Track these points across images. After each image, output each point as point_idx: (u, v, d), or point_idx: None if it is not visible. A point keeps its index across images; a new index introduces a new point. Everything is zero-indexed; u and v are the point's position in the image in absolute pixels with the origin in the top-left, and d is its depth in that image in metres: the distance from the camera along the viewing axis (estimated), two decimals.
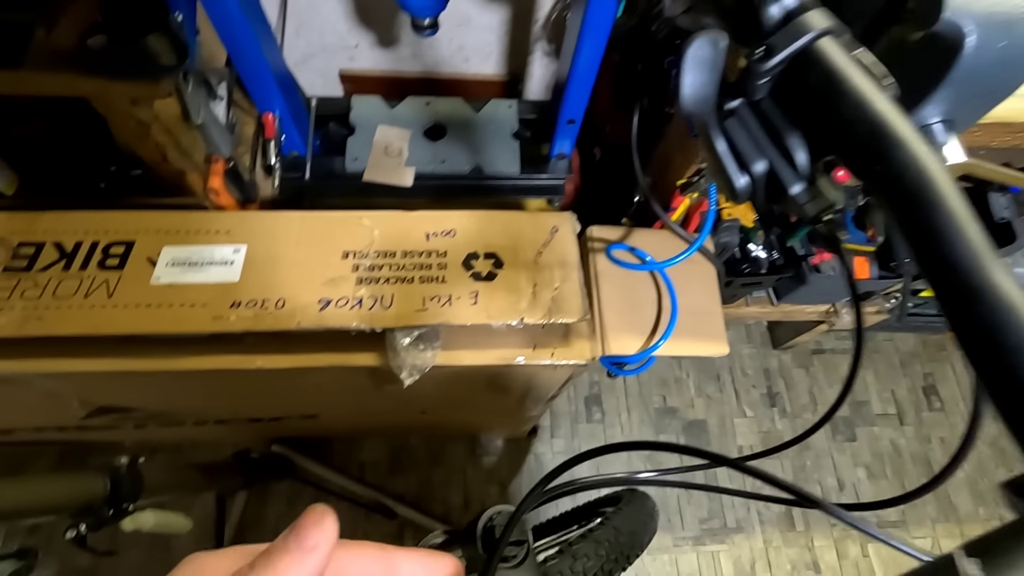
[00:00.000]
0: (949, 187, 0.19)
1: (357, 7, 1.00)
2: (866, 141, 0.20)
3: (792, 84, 0.23)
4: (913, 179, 0.19)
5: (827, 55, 0.22)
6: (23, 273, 0.63)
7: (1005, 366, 0.17)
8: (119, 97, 0.60)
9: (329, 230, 0.69)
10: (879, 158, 0.20)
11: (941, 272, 0.18)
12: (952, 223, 0.18)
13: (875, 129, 0.20)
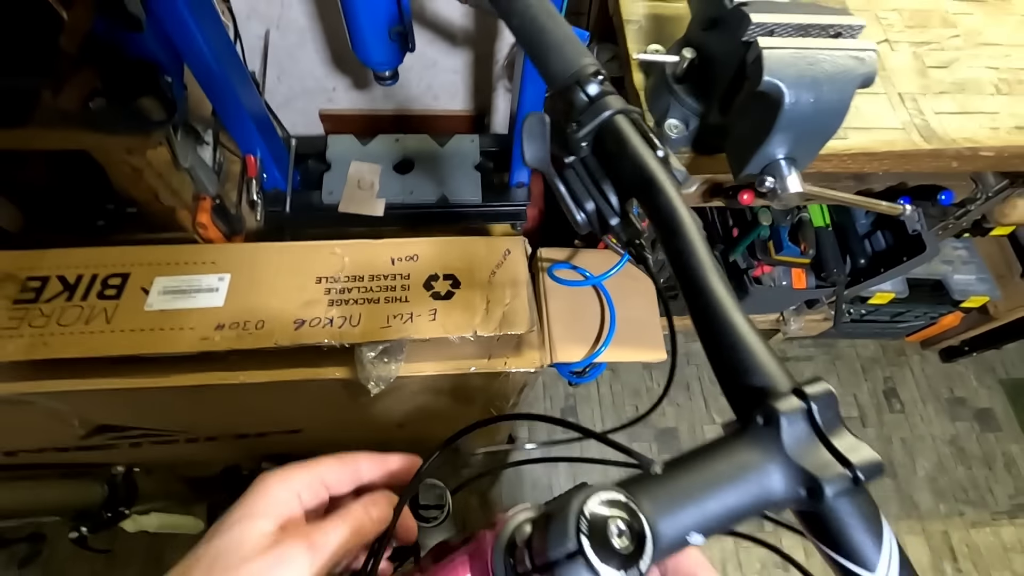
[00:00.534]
0: (689, 220, 0.27)
1: (332, 55, 1.10)
2: (642, 187, 0.29)
3: (601, 146, 0.31)
4: (667, 213, 0.27)
5: (620, 127, 0.30)
6: (31, 305, 0.71)
7: (714, 333, 0.25)
8: (115, 148, 0.68)
9: (304, 258, 0.77)
10: (650, 199, 0.28)
11: (682, 275, 0.27)
12: (688, 244, 0.27)
13: (647, 179, 0.28)
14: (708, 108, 0.54)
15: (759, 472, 0.22)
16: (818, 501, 0.21)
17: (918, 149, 0.60)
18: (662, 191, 0.28)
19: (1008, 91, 0.66)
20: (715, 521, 0.21)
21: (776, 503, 0.22)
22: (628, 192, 0.31)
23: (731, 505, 0.22)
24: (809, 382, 0.23)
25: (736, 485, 0.22)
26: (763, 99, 0.44)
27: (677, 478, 0.22)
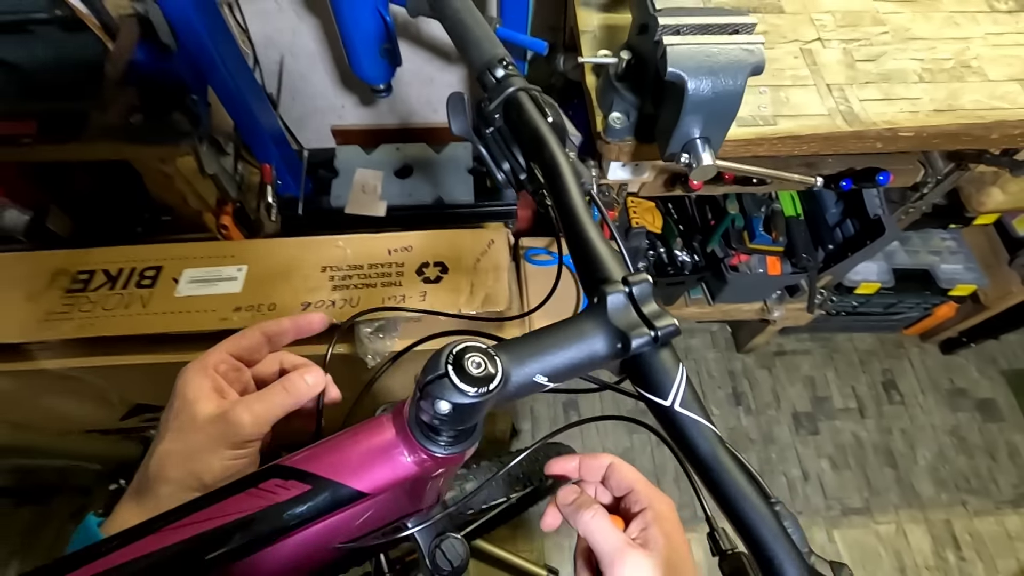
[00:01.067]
0: (566, 167, 0.36)
1: (340, 77, 1.23)
2: (534, 146, 0.37)
3: (509, 117, 0.40)
4: (551, 162, 0.36)
5: (520, 100, 0.39)
6: (79, 294, 0.83)
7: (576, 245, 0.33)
8: (150, 157, 0.81)
9: (311, 250, 0.88)
10: (540, 154, 0.37)
11: (560, 208, 0.35)
12: (564, 184, 0.35)
13: (538, 138, 0.37)
14: (643, 101, 0.63)
15: (590, 334, 0.30)
16: (627, 352, 0.29)
17: (840, 131, 0.67)
18: (547, 146, 0.37)
19: (931, 79, 0.72)
20: (556, 369, 0.30)
21: (602, 357, 0.30)
22: (529, 152, 0.39)
23: (569, 357, 0.30)
24: (634, 274, 0.31)
25: (572, 343, 0.30)
26: (672, 88, 0.53)
27: (529, 339, 0.30)
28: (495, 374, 0.27)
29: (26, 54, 0.81)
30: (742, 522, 0.27)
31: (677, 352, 0.31)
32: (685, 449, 0.29)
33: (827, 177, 0.85)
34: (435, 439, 0.32)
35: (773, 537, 0.26)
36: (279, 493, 0.29)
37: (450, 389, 0.26)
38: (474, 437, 0.33)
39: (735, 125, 0.68)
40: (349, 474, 0.31)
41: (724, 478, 0.27)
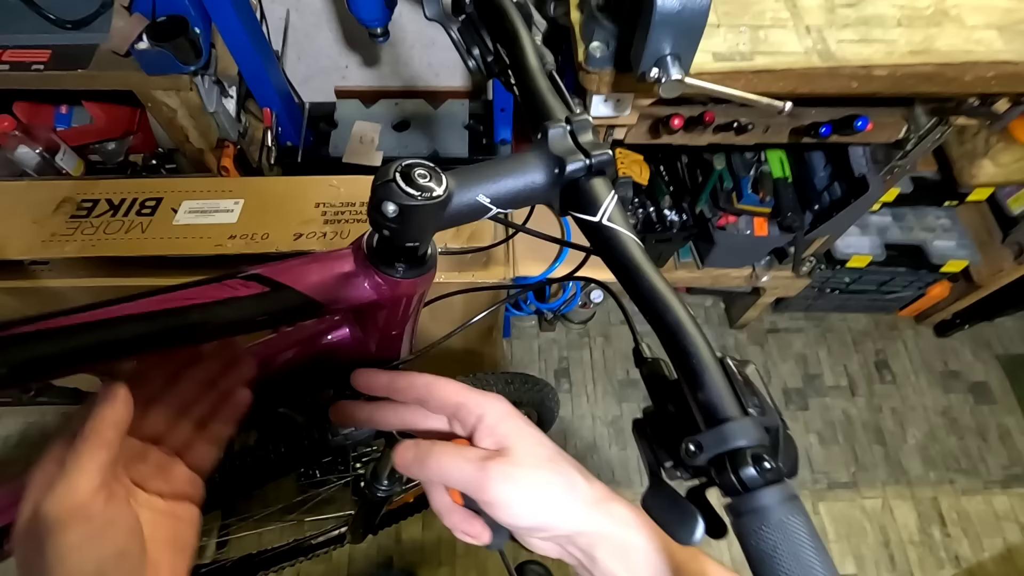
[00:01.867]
0: (527, 39, 0.38)
1: (345, 36, 1.26)
2: (500, 22, 0.40)
3: (482, 4, 0.43)
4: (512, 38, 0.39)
5: None
6: (83, 219, 0.87)
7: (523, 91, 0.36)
8: (155, 87, 0.84)
9: (306, 188, 0.91)
10: (505, 30, 0.39)
11: (513, 65, 0.38)
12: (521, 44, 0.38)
13: (503, 16, 0.40)
14: (622, 30, 0.65)
15: (532, 163, 0.32)
16: (563, 175, 0.32)
17: (816, 68, 0.69)
18: (508, 17, 0.39)
19: (908, 24, 0.74)
20: (499, 192, 0.32)
21: (541, 184, 0.32)
22: (496, 33, 0.42)
23: (512, 183, 0.32)
24: (577, 114, 0.33)
25: (515, 169, 0.32)
26: (644, 2, 0.55)
27: (476, 167, 0.33)
28: (440, 186, 0.30)
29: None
30: (660, 319, 0.28)
31: (610, 183, 0.33)
32: (613, 261, 0.31)
33: (807, 126, 0.87)
34: (390, 263, 0.34)
35: (684, 326, 0.27)
36: (239, 290, 0.32)
37: (396, 192, 0.28)
38: (425, 268, 0.36)
39: (715, 60, 0.70)
40: (309, 287, 0.33)
41: (644, 281, 0.29)
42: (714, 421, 0.24)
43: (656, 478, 0.27)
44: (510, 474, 0.31)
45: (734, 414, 0.24)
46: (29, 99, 1.03)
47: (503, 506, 0.31)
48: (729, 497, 0.23)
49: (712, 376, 0.25)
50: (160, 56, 0.80)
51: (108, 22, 0.85)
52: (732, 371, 0.25)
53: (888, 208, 1.38)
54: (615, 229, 0.31)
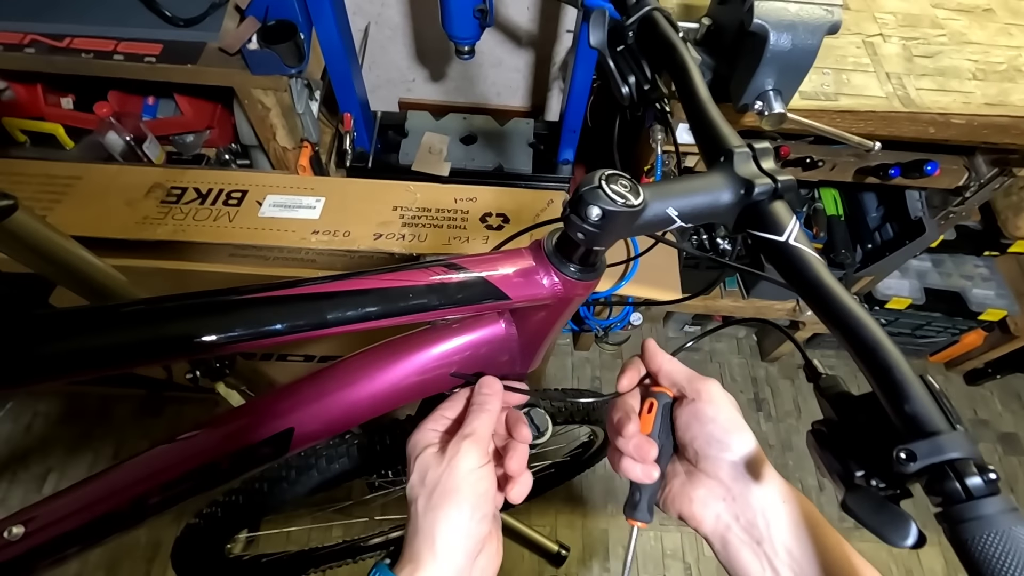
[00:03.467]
0: (691, 61, 0.41)
1: (416, 51, 1.32)
2: (666, 52, 0.43)
3: (643, 32, 0.46)
4: (680, 62, 0.42)
5: (655, 16, 0.45)
6: (173, 205, 0.90)
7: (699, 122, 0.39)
8: (255, 85, 0.89)
9: (384, 192, 0.95)
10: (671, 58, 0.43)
11: (681, 90, 0.41)
12: (689, 74, 0.41)
13: (669, 45, 0.43)
14: (718, 63, 0.69)
15: (718, 183, 0.35)
16: (750, 196, 0.34)
17: (896, 112, 0.73)
18: (678, 51, 0.43)
19: (983, 78, 0.78)
20: (686, 207, 0.35)
21: (727, 202, 0.35)
22: (658, 63, 0.46)
23: (699, 199, 0.35)
24: (757, 141, 0.37)
25: (703, 188, 0.35)
26: (754, 39, 0.59)
27: (666, 182, 0.36)
28: (638, 197, 0.33)
29: None
30: (856, 336, 0.29)
31: (792, 206, 0.36)
32: (799, 278, 0.33)
33: (875, 167, 0.90)
34: (566, 264, 0.37)
35: (883, 343, 0.28)
36: (444, 274, 0.35)
37: (603, 197, 0.31)
38: (596, 272, 0.38)
39: (800, 98, 0.74)
40: (499, 279, 0.36)
41: (834, 299, 0.31)
42: (925, 433, 0.25)
43: (853, 483, 0.28)
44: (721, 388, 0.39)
45: (944, 427, 0.25)
46: (122, 88, 1.08)
47: (711, 402, 0.38)
48: (949, 506, 0.24)
49: (918, 391, 0.26)
50: (267, 57, 0.84)
51: (218, 22, 0.90)
52: (935, 387, 0.27)
53: (928, 253, 1.40)
54: (801, 249, 0.33)
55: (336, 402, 0.40)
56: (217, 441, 0.39)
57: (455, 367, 0.41)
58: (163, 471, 0.38)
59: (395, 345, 0.41)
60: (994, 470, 0.24)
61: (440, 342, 0.41)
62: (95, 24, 0.89)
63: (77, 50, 0.87)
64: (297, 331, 0.31)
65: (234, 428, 0.39)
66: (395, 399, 0.41)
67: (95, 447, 1.38)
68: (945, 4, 0.87)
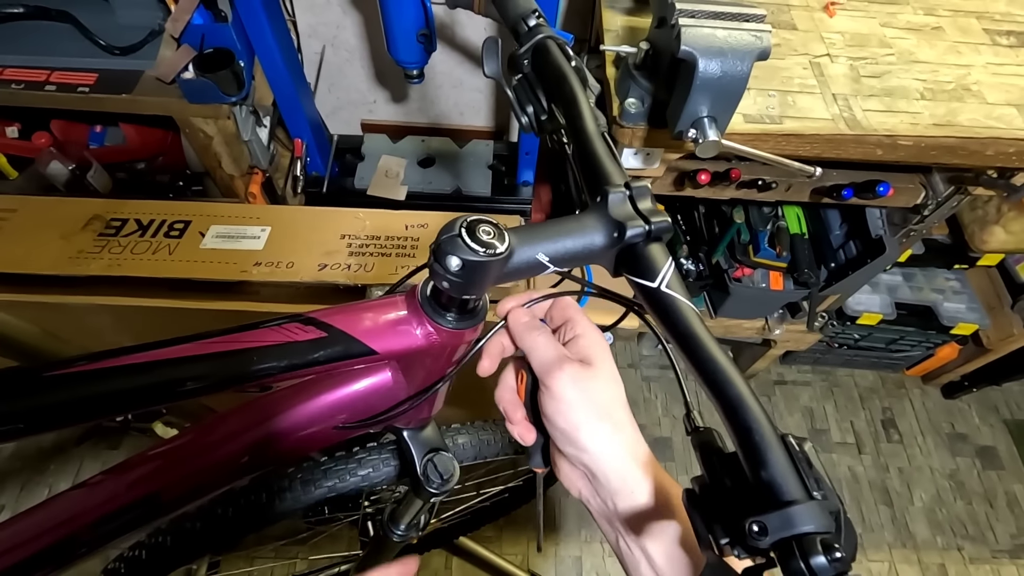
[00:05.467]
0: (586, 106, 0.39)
1: (375, 71, 1.30)
2: (557, 82, 0.41)
3: (537, 62, 0.44)
4: (568, 92, 0.40)
5: (548, 45, 0.43)
6: (111, 237, 0.87)
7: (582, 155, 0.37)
8: (196, 114, 0.86)
9: (332, 220, 0.92)
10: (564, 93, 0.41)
11: (570, 124, 0.39)
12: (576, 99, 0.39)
13: (560, 75, 0.41)
14: (657, 88, 0.68)
15: (591, 225, 0.33)
16: (622, 239, 0.32)
17: (843, 134, 0.71)
18: (568, 81, 0.41)
19: (931, 98, 0.77)
20: (557, 252, 0.33)
21: (600, 246, 0.33)
22: (552, 93, 0.44)
23: (571, 243, 0.33)
24: (635, 180, 0.34)
25: (575, 231, 0.33)
26: (684, 67, 0.57)
27: (536, 226, 0.33)
28: (503, 243, 0.30)
29: (95, 15, 0.89)
30: (721, 392, 0.28)
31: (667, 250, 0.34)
32: (670, 326, 0.31)
33: (830, 187, 0.89)
34: (442, 314, 0.35)
35: (746, 401, 0.27)
36: (297, 334, 0.32)
37: (461, 247, 0.29)
38: (476, 319, 0.36)
39: (744, 121, 0.72)
40: (363, 332, 0.34)
41: (702, 350, 0.30)
42: (778, 503, 0.23)
43: (713, 555, 0.27)
44: (578, 379, 0.34)
45: (799, 496, 0.23)
46: (66, 117, 1.05)
47: (555, 399, 0.34)
48: None
49: (776, 455, 0.24)
50: (204, 86, 0.82)
51: (155, 50, 0.87)
52: (795, 450, 0.25)
53: (899, 268, 1.39)
54: (674, 296, 0.32)
55: (210, 464, 0.37)
56: (68, 510, 0.36)
57: (342, 419, 0.39)
58: None
59: (274, 398, 0.38)
60: (840, 542, 0.22)
61: (322, 394, 0.38)
62: (27, 54, 0.86)
63: (7, 80, 0.85)
64: (139, 401, 0.29)
65: (89, 495, 0.36)
66: (275, 457, 0.38)
67: (50, 482, 1.33)
68: (894, 23, 0.86)
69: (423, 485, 0.46)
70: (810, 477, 0.24)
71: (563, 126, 0.44)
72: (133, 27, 0.89)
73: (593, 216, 0.34)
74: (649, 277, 0.32)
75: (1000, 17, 0.87)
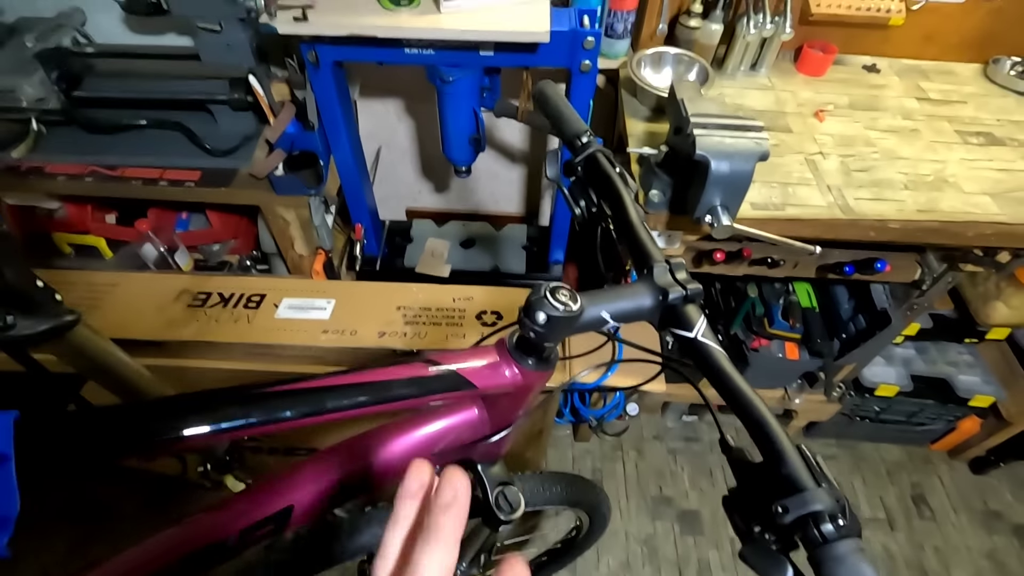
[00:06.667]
0: (629, 200, 0.51)
1: (422, 167, 1.48)
2: (607, 186, 0.54)
3: (589, 168, 0.57)
4: (617, 198, 0.52)
5: (597, 156, 0.56)
6: (199, 308, 1.00)
7: (631, 239, 0.48)
8: (280, 204, 1.02)
9: (389, 293, 1.05)
10: (611, 191, 0.53)
11: (615, 214, 0.51)
12: (621, 197, 0.51)
13: (606, 176, 0.54)
14: (676, 182, 0.81)
15: (642, 291, 0.44)
16: (666, 300, 0.43)
17: (837, 219, 0.83)
18: (614, 183, 0.53)
19: (914, 188, 0.89)
20: (617, 310, 0.43)
21: (648, 306, 0.43)
22: (601, 191, 0.56)
23: (627, 304, 0.43)
24: (671, 258, 0.45)
25: (630, 295, 0.44)
26: (699, 167, 0.70)
27: (601, 291, 0.44)
28: (576, 304, 0.41)
29: (202, 124, 1.07)
30: (747, 414, 0.37)
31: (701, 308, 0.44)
32: (706, 367, 0.41)
33: (833, 264, 0.99)
34: (525, 359, 0.45)
35: (767, 419, 0.36)
36: (423, 370, 0.42)
37: (547, 305, 0.40)
38: (550, 366, 0.46)
39: (752, 208, 0.84)
40: (467, 371, 0.44)
41: (731, 382, 0.39)
42: (796, 490, 0.32)
43: (750, 538, 0.35)
44: None
45: (811, 485, 0.32)
46: (160, 206, 1.23)
47: None
48: (813, 550, 0.30)
49: (792, 457, 0.33)
50: (291, 181, 0.98)
51: (249, 152, 1.05)
52: (807, 454, 0.34)
53: (911, 341, 1.46)
54: (707, 343, 0.41)
55: (331, 481, 0.46)
56: (224, 520, 0.45)
57: (438, 447, 0.48)
58: (172, 550, 0.44)
59: (385, 430, 0.48)
60: (846, 518, 0.30)
61: (423, 426, 0.48)
62: (145, 155, 1.04)
63: (128, 178, 1.01)
64: (303, 417, 0.38)
65: (238, 507, 0.45)
66: (385, 478, 0.47)
67: (96, 549, 1.38)
68: (876, 126, 1.00)
69: (495, 514, 0.54)
70: (819, 474, 0.33)
71: (609, 216, 0.56)
72: (231, 133, 1.07)
73: (642, 284, 0.44)
74: (688, 329, 0.42)
75: (969, 120, 1.02)
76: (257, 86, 0.91)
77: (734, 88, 1.06)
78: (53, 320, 0.46)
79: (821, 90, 1.07)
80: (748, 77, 1.09)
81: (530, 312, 0.40)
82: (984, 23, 1.08)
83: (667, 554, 1.49)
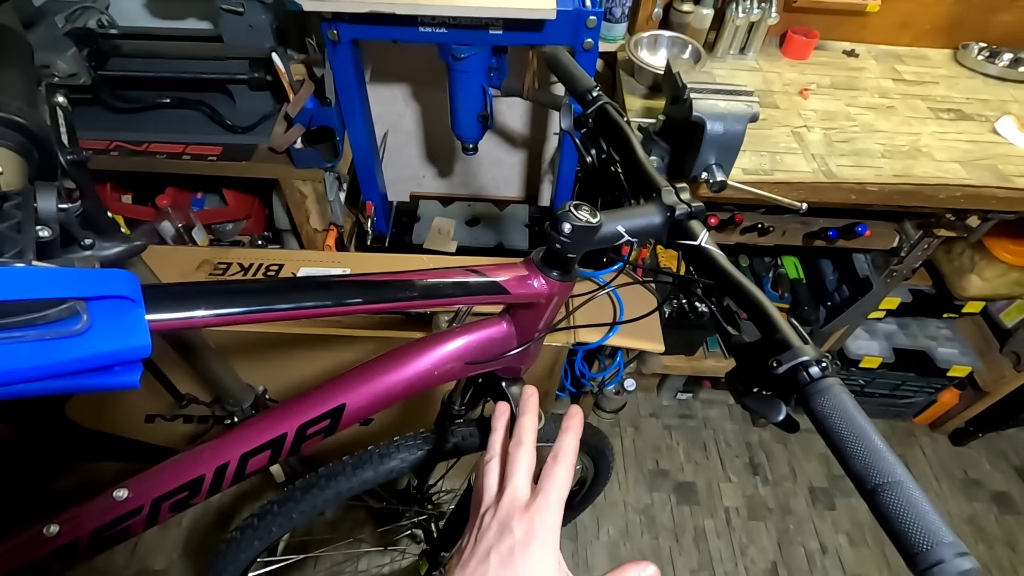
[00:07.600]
0: (635, 142, 0.58)
1: (426, 152, 1.54)
2: (615, 132, 0.60)
3: (599, 120, 0.64)
4: (624, 137, 0.59)
5: (607, 108, 0.63)
6: (220, 276, 1.05)
7: (636, 175, 0.54)
8: (297, 177, 1.07)
9: (400, 263, 1.10)
10: (617, 135, 0.59)
11: (625, 164, 0.57)
12: (631, 144, 0.57)
13: (617, 126, 0.60)
14: (673, 147, 0.88)
15: (652, 210, 0.50)
16: (673, 216, 0.49)
17: (821, 183, 0.90)
18: (622, 128, 0.60)
19: (891, 157, 0.97)
20: (631, 225, 0.49)
21: (658, 224, 0.49)
22: (610, 139, 0.62)
23: (639, 221, 0.49)
24: (677, 182, 0.52)
25: (641, 215, 0.50)
26: (695, 128, 0.77)
27: (617, 210, 0.50)
28: (595, 218, 0.47)
29: (221, 104, 1.13)
30: (746, 299, 0.43)
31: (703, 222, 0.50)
32: (710, 269, 0.47)
33: (818, 230, 1.07)
34: (550, 271, 0.51)
35: (761, 300, 0.42)
36: (468, 275, 0.48)
37: (572, 217, 0.46)
38: (572, 276, 0.52)
39: (744, 174, 0.91)
40: (503, 280, 0.49)
41: (732, 277, 0.45)
42: (787, 347, 0.38)
43: (752, 393, 0.41)
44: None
45: (799, 344, 0.38)
46: (177, 184, 1.27)
47: None
48: (802, 389, 0.37)
49: (784, 325, 0.40)
50: (309, 154, 1.03)
51: (268, 129, 1.10)
52: (795, 324, 0.41)
53: (893, 317, 1.54)
54: (711, 249, 0.48)
55: (379, 385, 0.51)
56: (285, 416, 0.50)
57: (471, 357, 0.54)
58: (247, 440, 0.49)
59: (425, 342, 0.54)
60: (827, 361, 0.36)
61: (458, 338, 0.53)
62: (170, 132, 1.09)
63: (153, 152, 1.06)
64: (368, 303, 0.44)
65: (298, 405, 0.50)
66: (426, 383, 0.52)
67: None
68: (856, 103, 1.08)
69: None
70: (804, 337, 0.40)
71: (618, 161, 0.62)
72: (250, 112, 1.13)
73: (653, 204, 0.51)
74: (693, 239, 0.48)
75: (940, 99, 1.10)
76: (280, 64, 0.97)
77: (724, 70, 1.14)
78: (125, 243, 0.51)
79: (805, 72, 1.15)
80: (737, 60, 1.16)
81: (556, 224, 0.46)
82: (953, 11, 1.17)
83: (664, 522, 1.54)
